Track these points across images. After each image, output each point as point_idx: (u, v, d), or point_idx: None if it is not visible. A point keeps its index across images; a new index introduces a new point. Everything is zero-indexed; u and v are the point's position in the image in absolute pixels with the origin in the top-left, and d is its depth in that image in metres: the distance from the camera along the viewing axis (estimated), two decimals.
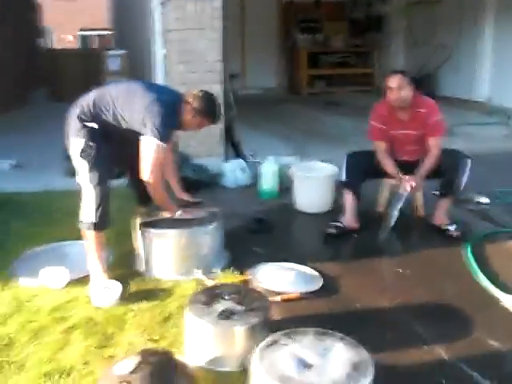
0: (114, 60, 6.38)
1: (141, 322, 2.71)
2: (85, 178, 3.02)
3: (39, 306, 2.87)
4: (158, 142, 2.87)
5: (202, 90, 3.11)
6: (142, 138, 2.92)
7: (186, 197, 3.43)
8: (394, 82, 3.68)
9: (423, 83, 9.12)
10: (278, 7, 9.94)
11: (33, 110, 9.54)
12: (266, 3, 4.38)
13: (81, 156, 2.98)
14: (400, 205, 3.65)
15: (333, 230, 3.73)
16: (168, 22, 4.74)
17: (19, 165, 5.66)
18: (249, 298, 2.51)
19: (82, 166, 3.01)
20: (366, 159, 3.91)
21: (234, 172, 4.68)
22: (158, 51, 5.21)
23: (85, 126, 2.98)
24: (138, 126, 2.93)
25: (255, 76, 10.28)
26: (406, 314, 2.77)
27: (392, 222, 3.66)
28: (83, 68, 10.36)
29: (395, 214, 3.65)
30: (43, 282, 3.05)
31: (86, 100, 3.04)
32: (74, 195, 4.59)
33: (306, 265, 3.24)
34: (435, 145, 3.71)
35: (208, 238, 3.20)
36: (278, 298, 2.86)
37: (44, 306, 2.87)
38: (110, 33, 24.46)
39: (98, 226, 3.03)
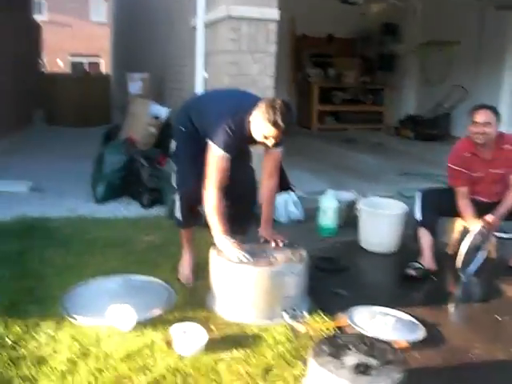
0: (135, 83, 6.05)
1: (238, 375, 2.32)
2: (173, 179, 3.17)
3: (108, 352, 2.45)
4: (218, 150, 2.73)
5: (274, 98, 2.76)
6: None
7: (268, 233, 3.05)
8: (480, 116, 3.41)
9: (437, 123, 9.07)
10: (290, 40, 9.78)
11: (33, 134, 9.14)
12: (279, 35, 4.19)
13: (171, 157, 3.19)
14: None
15: (413, 272, 3.41)
16: (221, 43, 4.45)
17: (36, 188, 5.25)
18: (378, 350, 2.16)
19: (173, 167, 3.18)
20: (441, 197, 3.65)
21: (286, 205, 4.34)
22: (199, 74, 4.91)
23: (176, 129, 3.10)
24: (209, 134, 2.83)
25: None
26: None
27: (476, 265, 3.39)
28: (80, 92, 10.25)
29: (479, 256, 3.40)
30: (109, 323, 2.64)
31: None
32: (110, 224, 4.26)
33: (395, 309, 2.92)
34: None
35: (297, 279, 2.84)
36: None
37: (114, 351, 2.45)
38: (100, 59, 24.39)
39: (181, 224, 3.21)
